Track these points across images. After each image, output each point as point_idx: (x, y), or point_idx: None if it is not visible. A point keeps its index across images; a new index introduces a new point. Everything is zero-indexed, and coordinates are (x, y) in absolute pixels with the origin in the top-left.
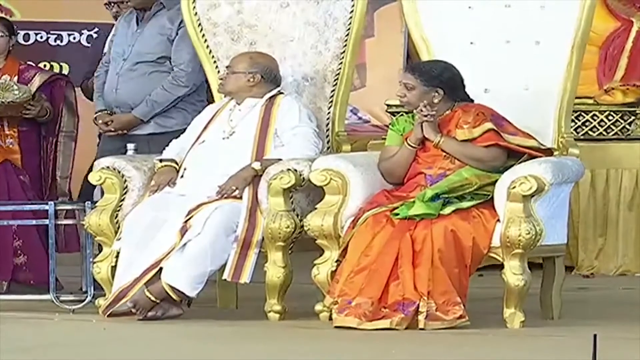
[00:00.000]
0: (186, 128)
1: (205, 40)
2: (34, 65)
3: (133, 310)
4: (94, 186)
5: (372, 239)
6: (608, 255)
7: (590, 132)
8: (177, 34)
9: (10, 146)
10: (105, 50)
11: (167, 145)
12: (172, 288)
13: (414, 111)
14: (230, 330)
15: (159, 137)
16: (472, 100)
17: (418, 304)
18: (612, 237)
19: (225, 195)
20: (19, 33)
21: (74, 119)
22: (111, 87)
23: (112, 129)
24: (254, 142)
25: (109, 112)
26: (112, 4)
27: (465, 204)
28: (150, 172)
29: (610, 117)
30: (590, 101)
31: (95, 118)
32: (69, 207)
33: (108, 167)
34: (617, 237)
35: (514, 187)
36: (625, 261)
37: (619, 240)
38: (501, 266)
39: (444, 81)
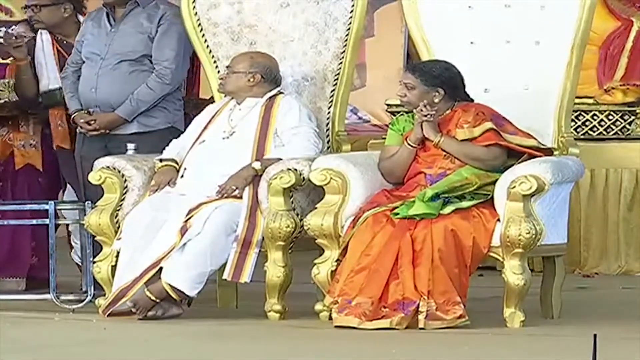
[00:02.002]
0: (168, 127)
1: (205, 40)
2: None
3: (133, 310)
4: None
5: (372, 239)
6: (610, 256)
7: (590, 132)
8: (157, 31)
9: (33, 149)
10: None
11: (150, 145)
12: (172, 287)
13: (414, 111)
14: (230, 330)
15: (142, 136)
16: (472, 100)
17: (418, 304)
18: (614, 237)
19: (225, 195)
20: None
21: None
22: (89, 87)
23: (96, 128)
24: (254, 141)
25: (86, 111)
26: (26, 9)
27: (465, 204)
28: (150, 171)
29: (610, 117)
30: (590, 101)
31: (74, 118)
32: (69, 207)
33: (108, 167)
34: (619, 237)
35: (514, 187)
36: (628, 261)
37: (620, 240)
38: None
39: (445, 81)
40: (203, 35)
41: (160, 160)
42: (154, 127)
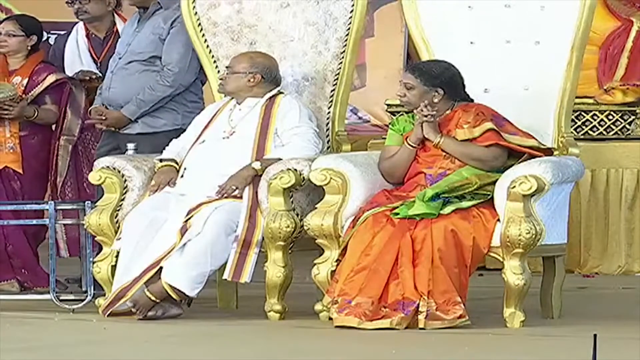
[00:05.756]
0: (176, 129)
1: (205, 40)
2: (52, 66)
3: (133, 310)
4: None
5: (372, 239)
6: (610, 256)
7: (590, 132)
8: (168, 33)
9: (11, 151)
10: None
11: (155, 145)
12: (172, 288)
13: (414, 111)
14: (230, 330)
15: (147, 137)
16: (472, 100)
17: (418, 304)
18: (614, 237)
19: (225, 195)
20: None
21: (78, 122)
22: (106, 85)
23: (104, 121)
24: (254, 141)
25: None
26: (73, 2)
27: (466, 204)
28: (150, 171)
29: (610, 117)
30: (590, 101)
31: (90, 111)
32: (68, 207)
33: (108, 167)
34: (619, 237)
35: (514, 187)
36: (629, 261)
37: (621, 240)
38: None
39: (444, 81)
40: (203, 35)
41: (160, 160)
42: (159, 129)
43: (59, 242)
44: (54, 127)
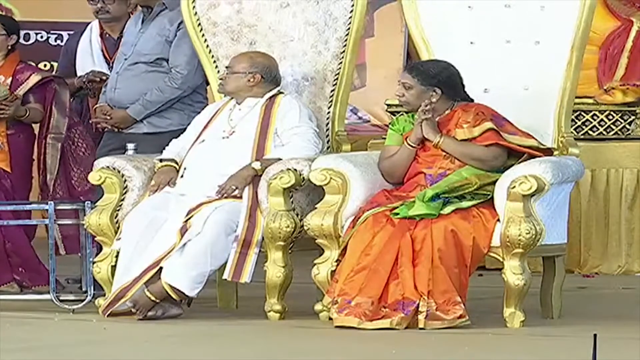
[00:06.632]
0: (182, 129)
1: (205, 40)
2: (32, 65)
3: (133, 310)
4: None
5: (372, 239)
6: (610, 256)
7: (590, 132)
8: (175, 35)
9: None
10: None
11: (161, 145)
12: (172, 288)
13: (418, 111)
14: (230, 330)
15: (153, 137)
16: (472, 100)
17: (418, 304)
18: (614, 237)
19: (225, 195)
20: (26, 33)
21: (64, 120)
22: (111, 86)
23: (109, 120)
24: (254, 141)
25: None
26: (96, 0)
27: (465, 204)
28: (150, 171)
29: (610, 117)
30: (590, 101)
31: (95, 110)
32: (68, 207)
33: (108, 167)
34: (620, 237)
35: (514, 187)
36: (629, 261)
37: (621, 240)
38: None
39: (442, 81)
40: (203, 35)
41: (160, 160)
42: (165, 129)
43: (56, 241)
44: (35, 125)
